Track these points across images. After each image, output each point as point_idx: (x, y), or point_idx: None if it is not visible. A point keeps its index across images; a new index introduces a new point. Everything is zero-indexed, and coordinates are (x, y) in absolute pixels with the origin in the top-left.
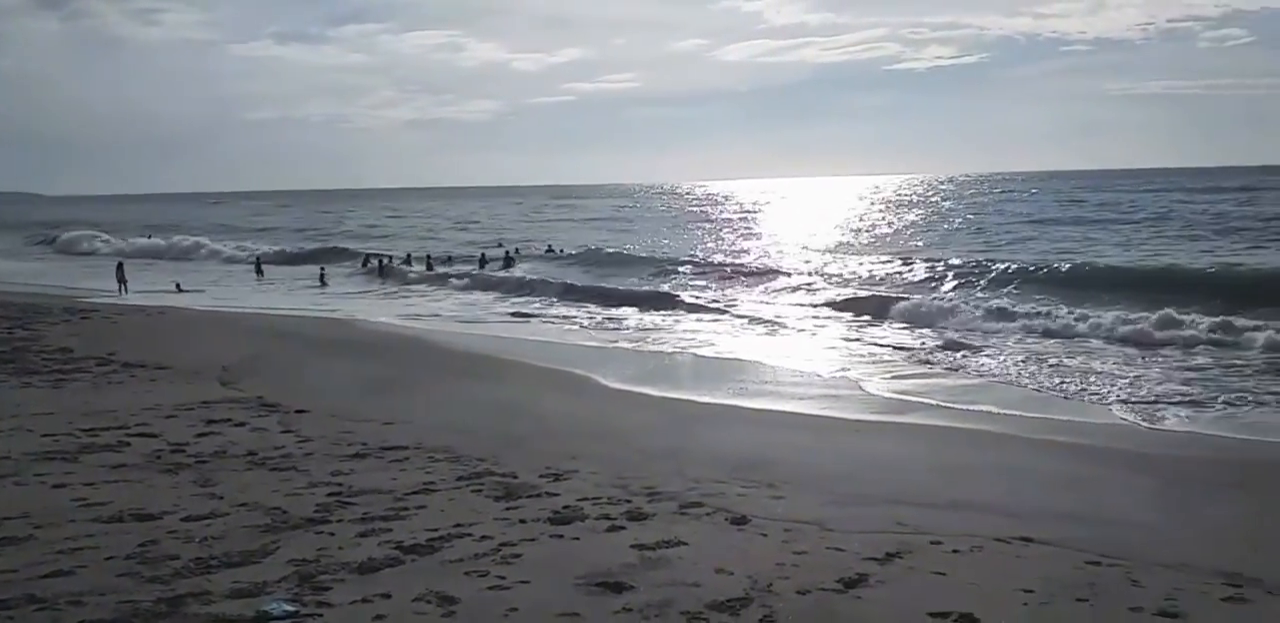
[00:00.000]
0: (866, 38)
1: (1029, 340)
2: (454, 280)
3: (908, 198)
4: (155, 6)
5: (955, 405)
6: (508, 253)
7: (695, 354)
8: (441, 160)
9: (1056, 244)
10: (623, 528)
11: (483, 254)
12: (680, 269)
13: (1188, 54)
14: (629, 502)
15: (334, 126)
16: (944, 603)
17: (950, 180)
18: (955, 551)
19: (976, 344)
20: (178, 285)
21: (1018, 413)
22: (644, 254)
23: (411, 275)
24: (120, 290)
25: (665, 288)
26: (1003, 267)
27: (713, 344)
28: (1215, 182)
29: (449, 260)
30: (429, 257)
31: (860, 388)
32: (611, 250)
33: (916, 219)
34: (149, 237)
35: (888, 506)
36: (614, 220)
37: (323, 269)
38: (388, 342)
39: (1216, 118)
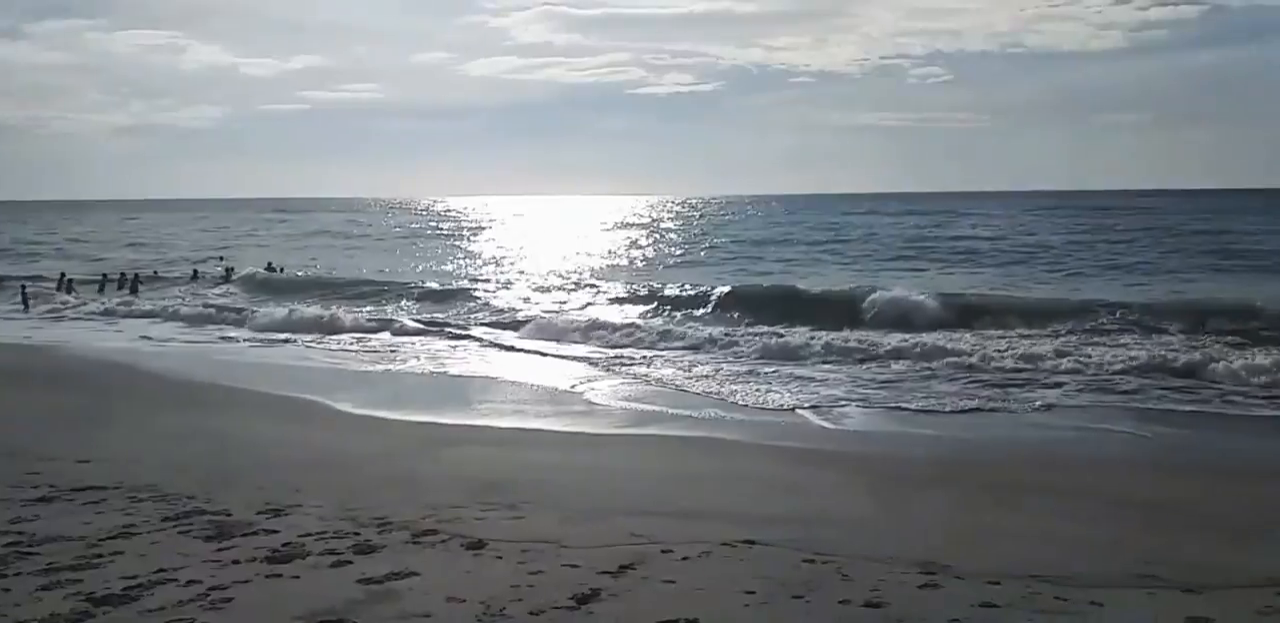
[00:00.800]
0: (612, 61)
1: (724, 355)
2: (165, 302)
3: (641, 218)
4: None
5: (679, 415)
6: (226, 271)
7: (430, 374)
8: (160, 170)
9: (764, 263)
10: (349, 562)
11: (195, 270)
12: (405, 288)
13: (899, 89)
14: (357, 534)
15: (28, 131)
16: (672, 610)
17: (685, 202)
18: (685, 558)
19: (677, 359)
20: None
21: (741, 418)
22: (369, 273)
23: (111, 296)
24: None
25: (389, 307)
26: (704, 287)
27: (446, 364)
28: (920, 205)
29: (155, 277)
30: (136, 276)
31: (590, 402)
32: (333, 269)
33: (640, 239)
34: None
35: (623, 518)
36: (344, 237)
37: (24, 288)
38: (91, 370)
39: (925, 148)
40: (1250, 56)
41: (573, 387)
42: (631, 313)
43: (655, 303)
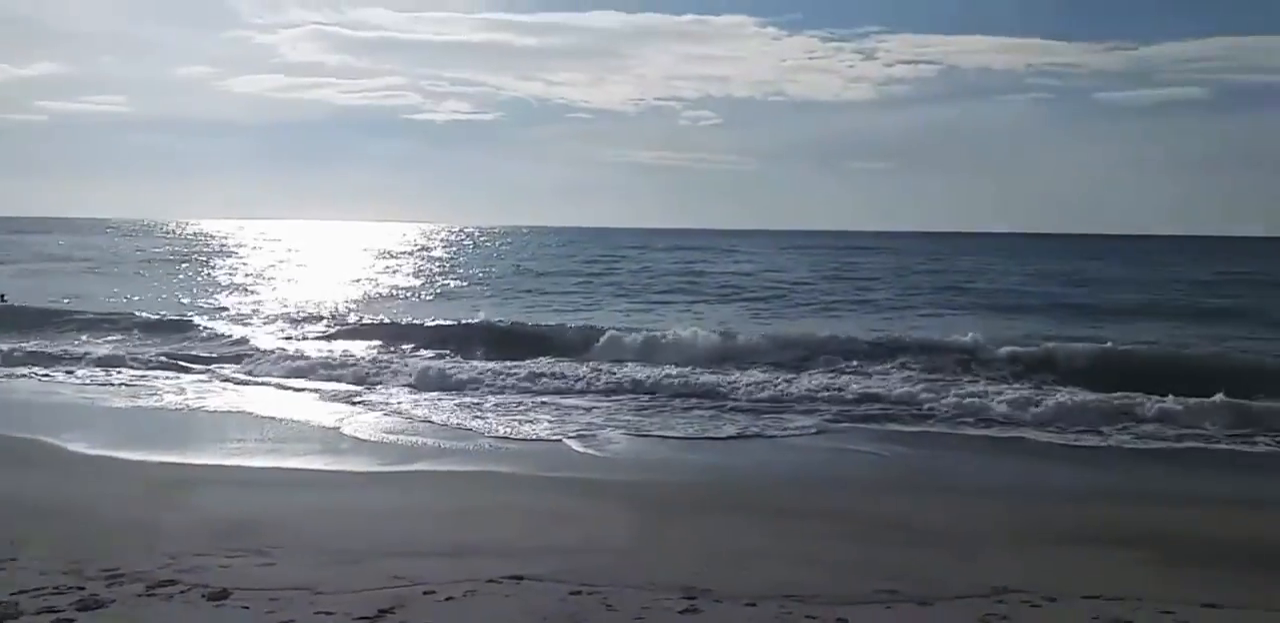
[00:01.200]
0: (388, 84)
1: (483, 387)
2: None
3: (413, 246)
4: None
5: (443, 449)
6: None
7: (172, 410)
8: None
9: (538, 296)
10: (70, 621)
11: None
12: (136, 318)
13: (672, 129)
14: (82, 589)
15: None
16: None
17: (462, 230)
18: (449, 598)
19: (436, 392)
20: None
21: (506, 449)
22: (97, 300)
23: None
24: None
25: (119, 338)
26: (464, 319)
27: (189, 399)
28: (690, 241)
29: None
30: None
31: (348, 437)
32: (59, 297)
33: (406, 267)
34: None
35: (385, 559)
36: (74, 261)
37: None
38: None
39: (696, 186)
40: (979, 113)
41: (339, 421)
42: (386, 346)
43: (411, 335)
